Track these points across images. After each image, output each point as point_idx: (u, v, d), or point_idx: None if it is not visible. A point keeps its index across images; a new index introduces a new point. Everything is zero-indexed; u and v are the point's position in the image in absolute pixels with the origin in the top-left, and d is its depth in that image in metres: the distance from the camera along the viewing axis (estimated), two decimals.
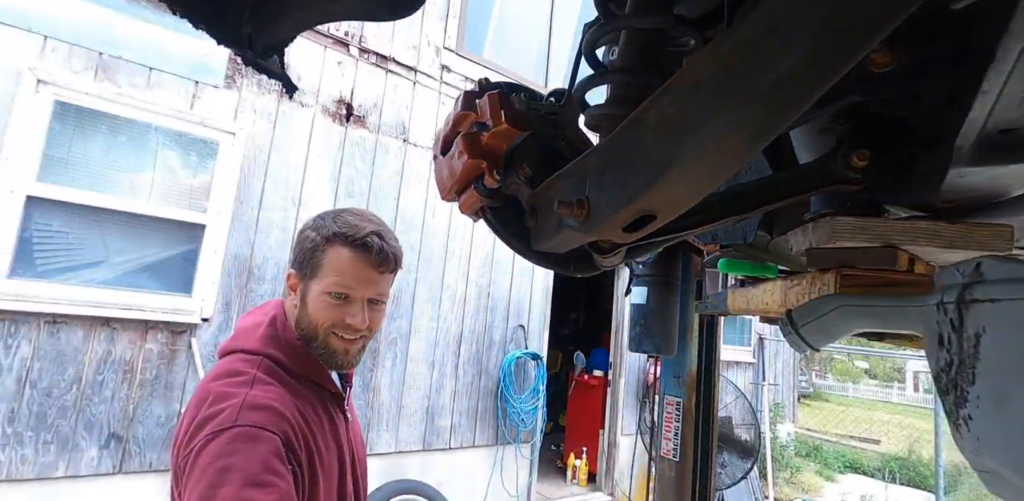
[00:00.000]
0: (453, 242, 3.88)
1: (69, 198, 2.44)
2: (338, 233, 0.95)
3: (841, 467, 7.72)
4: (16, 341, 2.27)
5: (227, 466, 0.74)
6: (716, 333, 2.28)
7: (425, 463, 3.54)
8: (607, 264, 0.95)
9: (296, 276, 0.99)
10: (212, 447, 0.76)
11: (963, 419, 0.38)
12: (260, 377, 0.89)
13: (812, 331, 0.67)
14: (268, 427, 0.80)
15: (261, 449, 0.77)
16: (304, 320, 0.97)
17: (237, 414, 0.80)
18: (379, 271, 0.97)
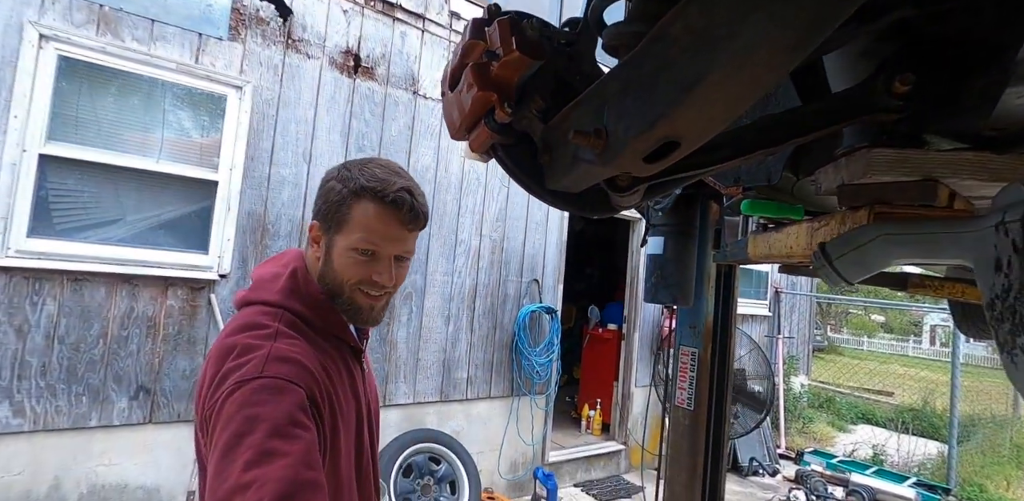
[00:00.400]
0: (466, 197, 3.83)
1: (81, 156, 2.43)
2: (366, 187, 0.90)
3: (854, 418, 7.83)
4: (41, 299, 2.31)
5: (253, 416, 0.74)
6: (733, 283, 2.24)
7: (442, 413, 3.64)
8: (625, 203, 0.91)
9: (320, 228, 0.95)
10: (238, 396, 0.76)
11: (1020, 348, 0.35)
12: (283, 330, 0.87)
13: (848, 263, 0.63)
14: (293, 379, 0.79)
15: (286, 401, 0.76)
16: (328, 275, 0.94)
17: (263, 366, 0.79)
18: (408, 229, 0.93)
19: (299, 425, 0.75)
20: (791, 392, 6.72)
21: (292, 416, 0.75)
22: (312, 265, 0.97)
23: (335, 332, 0.96)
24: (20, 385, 2.26)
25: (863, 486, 4.53)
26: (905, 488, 4.66)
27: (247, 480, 0.68)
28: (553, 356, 4.18)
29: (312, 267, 0.97)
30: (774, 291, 6.73)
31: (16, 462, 2.26)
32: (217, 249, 2.75)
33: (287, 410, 0.75)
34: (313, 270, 0.97)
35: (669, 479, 2.08)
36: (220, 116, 2.81)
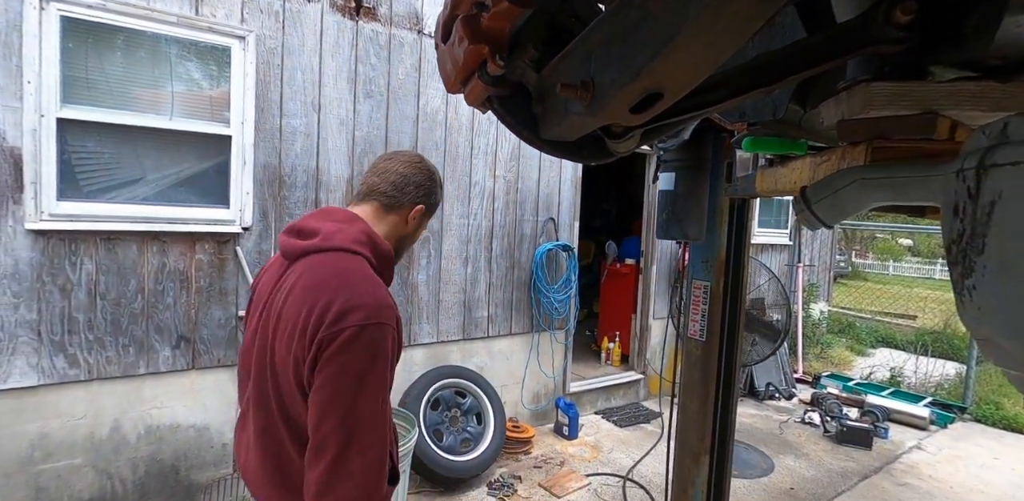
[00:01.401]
0: (478, 138, 3.79)
1: (97, 118, 2.45)
2: (441, 185, 1.32)
3: (873, 342, 7.94)
4: (79, 258, 2.43)
5: (378, 352, 0.97)
6: (747, 216, 2.23)
7: (465, 351, 3.81)
8: (622, 150, 0.92)
9: (423, 213, 1.24)
10: (366, 335, 0.96)
11: (967, 289, 0.38)
12: (373, 275, 1.08)
13: (826, 207, 0.65)
14: (392, 324, 1.01)
15: (388, 344, 1.00)
16: (407, 239, 1.26)
17: (378, 311, 0.99)
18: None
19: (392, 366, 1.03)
20: (810, 319, 6.80)
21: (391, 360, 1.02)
22: (386, 229, 1.21)
23: (387, 279, 1.16)
24: (71, 339, 2.43)
25: (878, 406, 4.69)
26: (920, 407, 4.82)
27: (368, 413, 0.96)
28: (571, 292, 4.28)
29: (384, 230, 1.20)
30: (795, 219, 6.65)
31: (77, 408, 2.48)
32: (238, 202, 2.82)
33: (390, 351, 1.01)
34: (385, 232, 1.20)
35: (682, 406, 2.19)
36: (227, 69, 2.78)
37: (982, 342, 0.40)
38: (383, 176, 1.21)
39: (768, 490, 3.40)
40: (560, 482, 3.31)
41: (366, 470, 0.94)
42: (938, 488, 3.56)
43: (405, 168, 1.22)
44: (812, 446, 4.13)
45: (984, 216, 0.36)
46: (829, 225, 0.68)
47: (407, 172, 1.21)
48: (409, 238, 1.26)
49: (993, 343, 0.38)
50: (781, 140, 1.08)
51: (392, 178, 1.20)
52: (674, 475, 2.21)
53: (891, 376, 5.89)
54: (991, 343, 0.38)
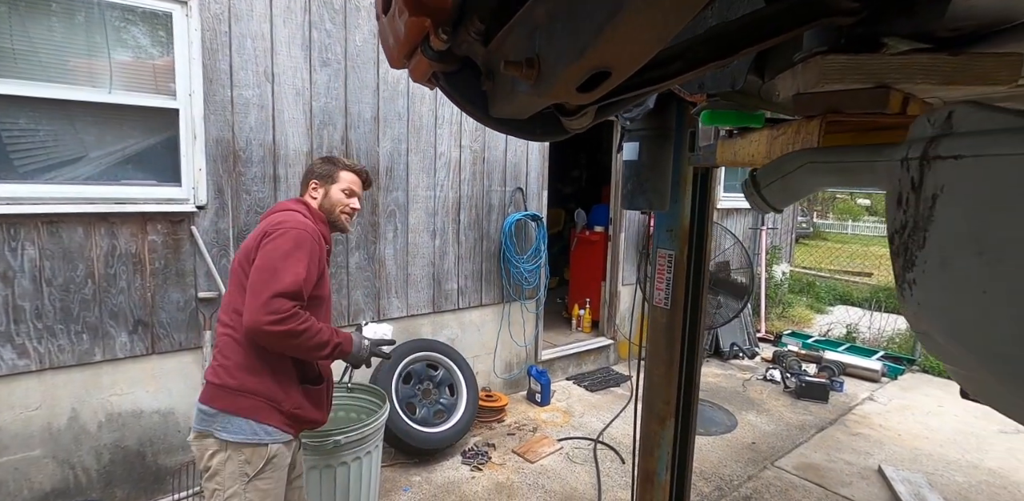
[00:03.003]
0: (442, 107, 3.68)
1: (28, 93, 2.28)
2: (346, 166, 1.92)
3: (832, 300, 8.25)
4: (19, 243, 2.30)
5: (300, 243, 1.63)
6: (710, 185, 2.24)
7: (436, 324, 3.81)
8: (576, 126, 0.89)
9: (320, 184, 1.87)
10: (287, 236, 1.63)
11: (908, 283, 0.37)
12: (305, 219, 1.74)
13: (775, 191, 0.64)
14: (311, 234, 1.67)
15: (308, 241, 1.65)
16: (327, 204, 1.86)
17: (304, 225, 1.67)
18: (364, 186, 1.98)
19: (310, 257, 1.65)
20: (772, 280, 7.01)
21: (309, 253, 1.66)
22: (312, 202, 1.86)
23: (323, 232, 1.80)
24: (18, 329, 2.32)
25: (834, 361, 4.91)
26: (873, 361, 5.07)
27: (289, 275, 1.58)
28: (540, 262, 4.29)
29: (312, 202, 1.86)
30: None
31: (31, 399, 2.39)
32: (190, 180, 2.70)
33: (308, 248, 1.65)
34: (314, 203, 1.86)
35: (648, 372, 2.24)
36: (169, 36, 2.60)
37: (921, 335, 0.40)
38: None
39: (731, 445, 3.56)
40: (533, 448, 3.40)
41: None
42: (887, 436, 3.78)
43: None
44: (773, 402, 4.32)
45: (926, 210, 0.35)
46: (779, 209, 0.67)
47: (313, 166, 1.94)
48: (329, 203, 1.86)
49: (930, 337, 0.38)
50: (739, 113, 1.07)
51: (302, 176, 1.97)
52: (641, 438, 2.29)
53: (847, 332, 6.16)
54: (930, 338, 0.38)
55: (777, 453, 3.46)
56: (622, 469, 3.22)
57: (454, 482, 3.02)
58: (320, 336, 1.60)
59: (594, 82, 0.58)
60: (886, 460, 3.40)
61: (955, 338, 0.34)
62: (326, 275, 1.77)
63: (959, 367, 0.38)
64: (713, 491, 3.01)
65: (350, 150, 3.26)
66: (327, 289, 1.79)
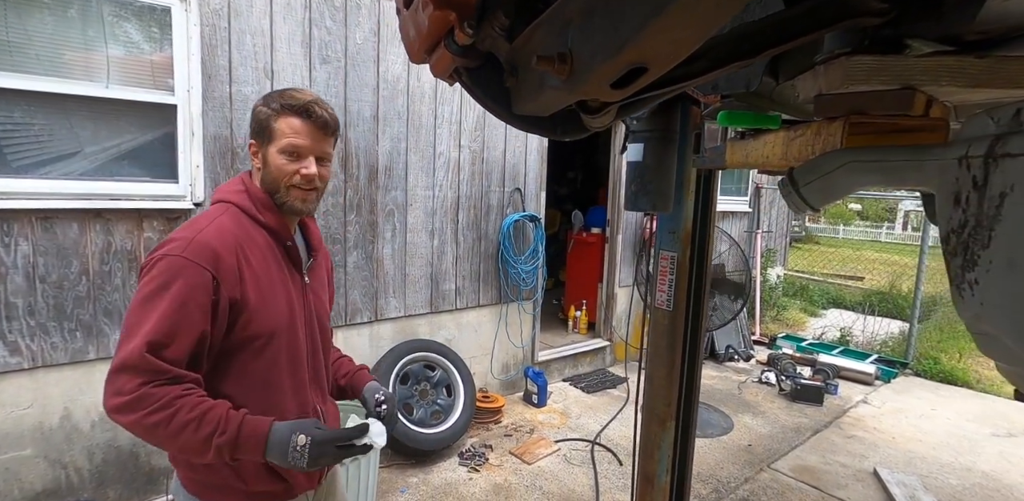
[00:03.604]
0: (442, 106, 3.67)
1: (23, 86, 2.24)
2: (285, 105, 1.16)
3: (825, 303, 8.30)
4: (12, 239, 2.26)
5: (164, 283, 1.04)
6: (713, 187, 2.24)
7: (433, 324, 3.79)
8: (597, 125, 0.88)
9: (256, 144, 1.20)
10: (153, 270, 1.05)
11: (968, 283, 0.36)
12: (221, 221, 1.14)
13: (814, 190, 0.63)
14: (203, 264, 1.06)
15: (182, 279, 1.04)
16: (267, 177, 1.19)
17: (187, 247, 1.06)
18: (322, 133, 1.19)
19: (185, 298, 1.04)
20: (767, 283, 7.04)
21: (178, 292, 1.04)
22: (255, 174, 1.23)
23: (273, 226, 1.20)
24: (10, 326, 2.28)
25: (828, 365, 4.94)
26: (866, 364, 5.09)
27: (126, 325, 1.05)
28: (538, 263, 4.28)
29: (255, 175, 1.23)
30: (755, 187, 6.79)
31: (23, 397, 2.34)
32: (187, 177, 2.66)
33: (180, 287, 1.04)
34: (256, 177, 1.22)
35: (650, 374, 2.24)
36: (167, 32, 2.57)
37: (981, 336, 0.39)
38: None
39: (728, 448, 3.56)
40: (530, 449, 3.39)
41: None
42: (881, 439, 3.80)
43: None
44: (768, 404, 4.33)
45: (992, 209, 0.34)
46: (816, 208, 0.66)
47: (251, 112, 1.25)
48: (270, 175, 1.18)
49: (993, 338, 0.37)
50: (756, 114, 1.06)
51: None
52: (641, 440, 2.28)
53: (841, 336, 6.19)
54: (991, 338, 0.37)
55: (773, 455, 3.46)
56: (620, 471, 3.21)
57: (451, 483, 3.00)
58: (193, 431, 0.98)
59: (628, 78, 0.57)
60: (881, 463, 3.42)
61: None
62: (273, 299, 1.15)
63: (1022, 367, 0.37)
64: (711, 493, 3.01)
65: (349, 148, 3.24)
66: (277, 319, 1.15)
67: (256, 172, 1.22)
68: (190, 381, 1.03)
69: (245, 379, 1.14)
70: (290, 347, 1.19)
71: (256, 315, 1.11)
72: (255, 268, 1.13)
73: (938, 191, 0.44)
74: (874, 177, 0.58)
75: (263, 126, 1.16)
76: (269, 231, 1.19)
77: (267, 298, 1.14)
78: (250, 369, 1.14)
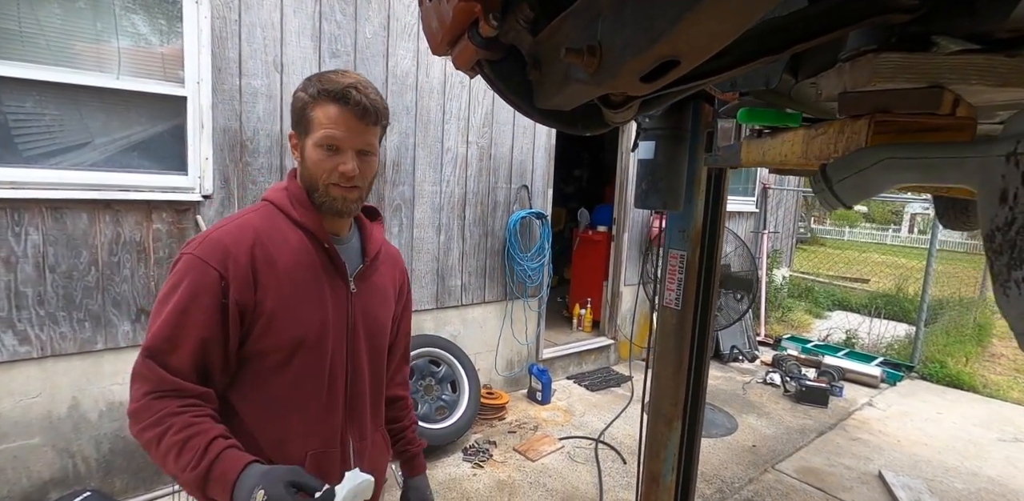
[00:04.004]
0: (450, 102, 3.66)
1: (35, 76, 2.24)
2: (322, 90, 1.01)
3: (830, 305, 8.27)
4: (23, 229, 2.27)
5: (175, 283, 0.98)
6: (723, 186, 2.23)
7: (439, 319, 3.79)
8: (618, 120, 0.87)
9: (296, 136, 1.09)
10: (174, 269, 1.00)
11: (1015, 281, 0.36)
12: (245, 217, 1.06)
13: (848, 187, 0.62)
14: (211, 262, 0.97)
15: (190, 279, 0.96)
16: (306, 173, 1.08)
17: (199, 245, 0.99)
18: (363, 122, 1.03)
19: (190, 300, 0.96)
20: (772, 284, 7.02)
21: (187, 289, 0.97)
22: (299, 170, 1.12)
23: (309, 226, 1.08)
24: (20, 315, 2.29)
25: (834, 367, 4.92)
26: (872, 367, 5.08)
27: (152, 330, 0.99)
28: (544, 260, 4.28)
29: (299, 172, 1.12)
30: (762, 187, 6.76)
31: (32, 386, 2.35)
32: (196, 169, 2.67)
33: (191, 284, 0.96)
34: (299, 175, 1.11)
35: (657, 373, 2.23)
36: (178, 23, 2.57)
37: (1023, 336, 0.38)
38: None
39: (732, 448, 3.55)
40: (534, 446, 3.39)
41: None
42: (886, 442, 3.78)
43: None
44: (773, 405, 4.32)
45: None
46: (848, 205, 0.66)
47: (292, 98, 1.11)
48: (307, 172, 1.07)
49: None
50: (777, 112, 1.05)
51: None
52: (647, 439, 2.27)
53: (846, 338, 6.17)
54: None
55: (778, 456, 3.46)
56: (624, 469, 3.21)
57: (455, 479, 3.00)
58: (175, 459, 0.89)
59: (660, 71, 0.56)
60: (886, 465, 3.41)
61: None
62: (299, 307, 1.02)
63: None
64: (715, 493, 3.01)
65: None
66: (303, 331, 1.02)
67: (299, 167, 1.11)
68: (195, 395, 0.94)
69: (260, 398, 1.02)
70: (318, 365, 1.04)
71: (275, 324, 0.99)
72: (280, 271, 1.01)
73: (980, 188, 0.43)
74: (911, 174, 0.57)
75: (300, 115, 1.05)
76: (305, 231, 1.07)
77: (291, 305, 1.01)
78: (267, 387, 1.02)
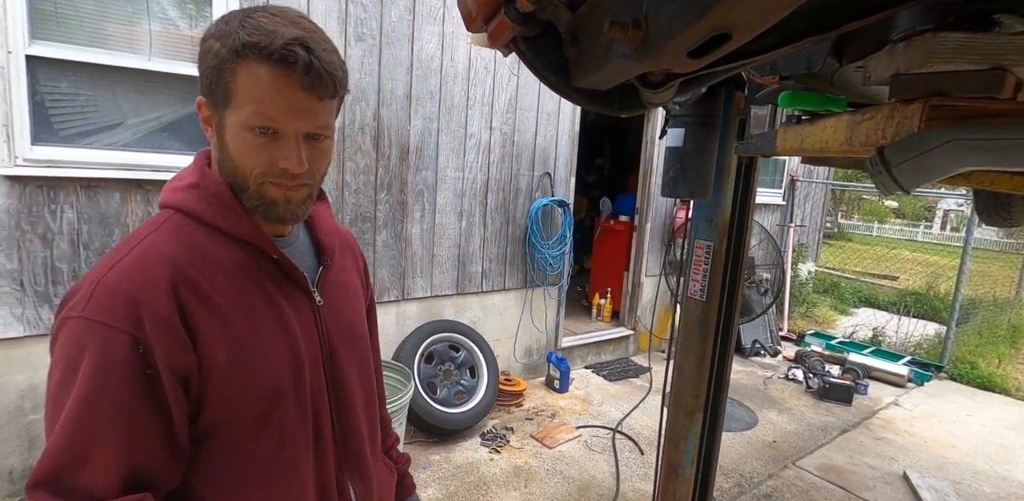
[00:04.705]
0: (474, 87, 3.63)
1: (70, 56, 2.28)
2: (248, 44, 0.66)
3: (856, 302, 8.10)
4: (59, 207, 2.32)
5: (69, 365, 0.65)
6: (753, 176, 2.18)
7: (459, 305, 3.80)
8: (656, 101, 0.84)
9: (208, 106, 0.73)
10: (62, 338, 0.67)
11: None
12: (149, 241, 0.72)
13: (908, 171, 0.59)
14: (114, 323, 0.65)
15: (99, 350, 0.64)
16: (227, 164, 0.74)
17: (88, 300, 0.66)
18: (314, 95, 0.69)
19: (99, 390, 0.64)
20: (797, 278, 6.90)
21: (94, 369, 0.64)
22: (214, 153, 0.77)
23: (244, 237, 0.76)
24: (56, 290, 2.35)
25: (859, 364, 4.82)
26: (899, 366, 4.96)
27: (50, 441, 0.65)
28: (566, 249, 4.25)
29: (214, 155, 0.77)
30: (790, 180, 6.61)
31: None
32: None
33: (95, 362, 0.64)
34: (215, 159, 0.77)
35: (679, 364, 2.20)
36: (206, 7, 2.58)
37: None
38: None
39: (751, 443, 3.52)
40: (551, 433, 3.40)
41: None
42: (913, 442, 3.71)
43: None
44: (795, 401, 4.26)
45: None
46: (908, 190, 0.62)
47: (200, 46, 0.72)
48: (230, 163, 0.73)
49: None
50: (822, 96, 1.01)
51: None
52: (667, 430, 2.26)
53: (873, 335, 6.04)
54: None
55: (798, 453, 3.41)
56: (641, 460, 3.20)
57: (473, 463, 3.03)
58: None
59: (708, 46, 0.53)
60: (911, 466, 3.34)
61: None
62: (261, 349, 0.75)
63: None
64: (733, 487, 2.98)
65: (382, 127, 3.23)
66: (276, 377, 0.76)
67: (214, 150, 0.77)
68: None
69: (238, 477, 0.75)
70: (302, 410, 0.79)
71: (239, 377, 0.72)
72: (221, 307, 0.72)
73: None
74: (980, 157, 0.53)
75: (215, 78, 0.69)
76: (239, 243, 0.76)
77: (251, 349, 0.73)
78: (247, 459, 0.75)
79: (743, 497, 2.90)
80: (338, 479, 0.86)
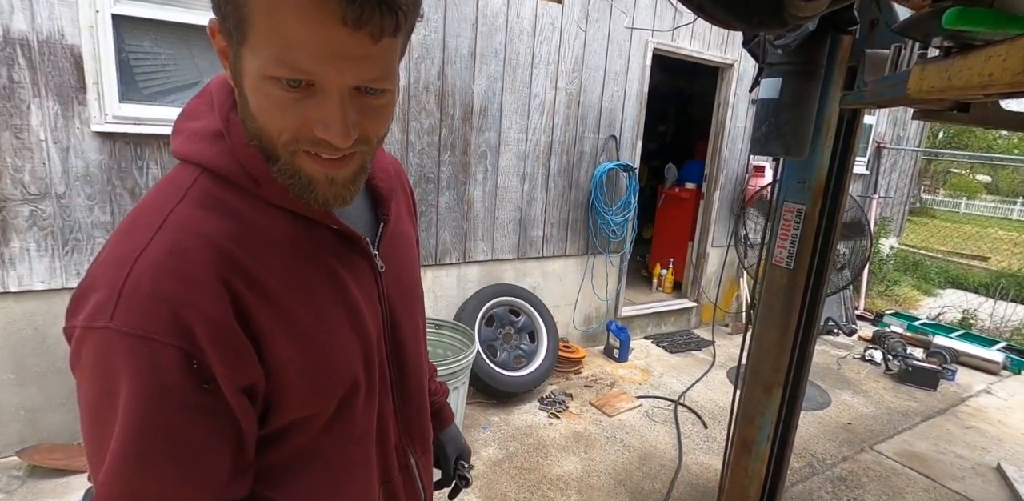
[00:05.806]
0: (540, 45, 3.47)
1: (151, 15, 2.31)
2: None
3: (942, 282, 7.53)
4: (145, 163, 2.39)
5: (108, 379, 0.50)
6: (855, 132, 1.96)
7: (519, 270, 3.74)
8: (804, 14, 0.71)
9: (222, 34, 0.52)
10: (86, 355, 0.51)
11: None
12: (178, 217, 0.54)
13: None
14: (158, 336, 0.49)
15: (143, 371, 0.49)
16: (250, 123, 0.54)
17: (115, 304, 0.49)
18: (364, 32, 0.46)
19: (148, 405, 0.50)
20: (878, 254, 6.45)
21: (152, 402, 0.50)
22: (239, 106, 0.56)
23: (292, 207, 0.59)
24: None
25: (946, 347, 4.47)
26: (993, 352, 4.57)
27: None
28: (629, 215, 4.09)
29: (240, 110, 0.56)
30: (876, 147, 6.09)
31: None
32: None
33: (145, 390, 0.49)
34: (241, 114, 0.56)
35: (758, 336, 2.07)
36: None
37: None
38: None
39: (824, 423, 3.34)
40: (611, 402, 3.34)
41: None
42: (1007, 433, 3.42)
43: None
44: (872, 383, 4.01)
45: None
46: None
47: None
48: (252, 120, 0.53)
49: None
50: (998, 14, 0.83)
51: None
52: (741, 404, 2.15)
53: (962, 318, 5.60)
54: None
55: (876, 437, 3.21)
56: (704, 433, 3.10)
57: (532, 426, 3.01)
58: None
59: None
60: (1006, 458, 3.08)
61: None
62: (331, 339, 0.62)
63: None
64: (804, 467, 2.84)
65: (446, 86, 3.15)
66: (347, 369, 0.65)
67: (233, 94, 0.58)
68: None
69: (310, 474, 0.66)
70: (369, 396, 0.69)
71: (313, 373, 0.60)
72: (280, 297, 0.57)
73: None
74: None
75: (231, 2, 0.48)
76: (287, 212, 0.60)
77: (321, 345, 0.61)
78: (318, 455, 0.66)
79: (815, 478, 2.77)
80: (399, 455, 0.78)
